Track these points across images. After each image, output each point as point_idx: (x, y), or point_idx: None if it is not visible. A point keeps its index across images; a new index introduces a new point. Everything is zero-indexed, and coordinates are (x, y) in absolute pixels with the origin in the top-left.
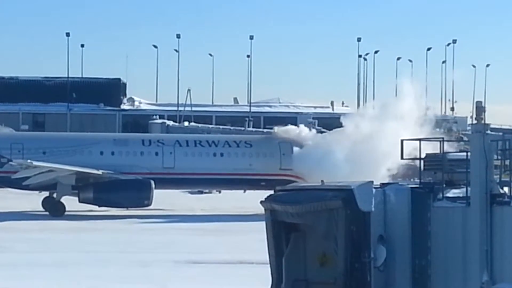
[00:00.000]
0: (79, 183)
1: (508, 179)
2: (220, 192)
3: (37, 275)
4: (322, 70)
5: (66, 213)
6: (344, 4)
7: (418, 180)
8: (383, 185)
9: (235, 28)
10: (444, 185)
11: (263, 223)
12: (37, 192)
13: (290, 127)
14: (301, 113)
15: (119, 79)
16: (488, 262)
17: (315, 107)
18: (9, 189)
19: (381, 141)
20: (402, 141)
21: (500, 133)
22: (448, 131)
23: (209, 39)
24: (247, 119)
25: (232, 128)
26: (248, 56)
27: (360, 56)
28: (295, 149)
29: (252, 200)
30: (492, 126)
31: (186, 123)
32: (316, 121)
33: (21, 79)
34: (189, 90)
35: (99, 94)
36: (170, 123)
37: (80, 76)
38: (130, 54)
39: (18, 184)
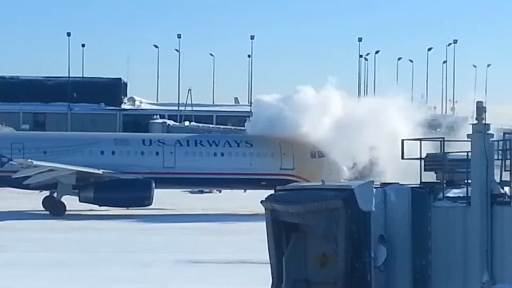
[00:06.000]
0: (79, 183)
1: (509, 179)
2: (220, 191)
3: (37, 275)
4: (322, 70)
5: (66, 212)
6: (344, 4)
7: None
8: (383, 184)
9: (236, 28)
10: (445, 185)
11: (264, 223)
12: (37, 191)
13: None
14: None
15: (120, 78)
16: (489, 262)
17: None
18: (10, 189)
19: None
20: (402, 140)
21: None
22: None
23: (210, 39)
24: (247, 118)
25: (232, 128)
26: (249, 56)
27: (361, 56)
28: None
29: (253, 199)
30: (496, 126)
31: (186, 123)
32: None
33: (22, 78)
34: (189, 89)
35: (99, 93)
36: (171, 122)
37: (81, 75)
38: (131, 53)
39: (19, 183)
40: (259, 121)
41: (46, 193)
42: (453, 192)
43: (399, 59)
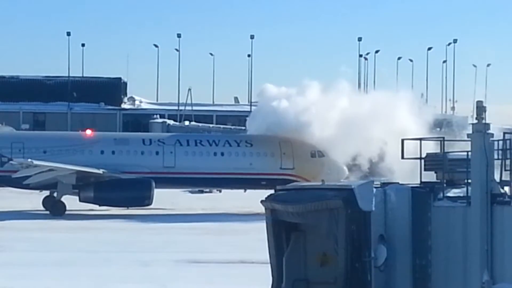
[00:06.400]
0: (79, 182)
1: (509, 179)
2: (220, 191)
3: (37, 275)
4: (322, 69)
5: (66, 212)
6: (344, 4)
7: None
8: (383, 184)
9: (235, 27)
10: (445, 185)
11: (264, 223)
12: (37, 191)
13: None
14: None
15: (120, 78)
16: (489, 262)
17: None
18: (10, 188)
19: None
20: (403, 140)
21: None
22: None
23: (210, 39)
24: (247, 118)
25: (232, 127)
26: (248, 55)
27: (361, 55)
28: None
29: (253, 199)
30: (496, 126)
31: (186, 123)
32: None
33: (22, 78)
34: (189, 89)
35: (99, 93)
36: (171, 122)
37: (80, 75)
38: (130, 53)
39: (19, 183)
40: (263, 113)
41: (46, 192)
42: (453, 192)
43: (399, 58)
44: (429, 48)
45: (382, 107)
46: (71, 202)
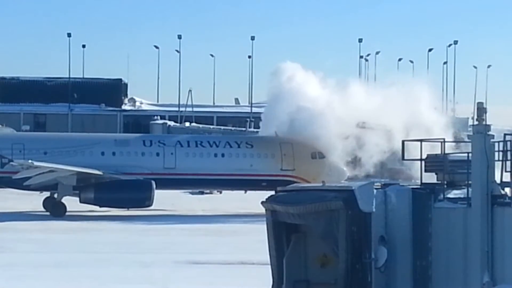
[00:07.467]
0: (80, 184)
1: (509, 180)
2: (221, 192)
3: (37, 276)
4: (323, 70)
5: (67, 213)
6: (345, 5)
7: None
8: (384, 185)
9: (236, 28)
10: (445, 186)
11: (264, 224)
12: (38, 192)
13: None
14: None
15: (120, 79)
16: (489, 263)
17: None
18: (10, 190)
19: None
20: (403, 141)
21: None
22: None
23: (210, 40)
24: (248, 119)
25: (233, 128)
26: (249, 56)
27: (361, 57)
28: None
29: (253, 200)
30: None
31: (187, 124)
32: None
33: (23, 79)
34: (190, 90)
35: (100, 94)
36: (171, 123)
37: (81, 76)
38: (131, 54)
39: (19, 184)
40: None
41: (47, 194)
42: (453, 193)
43: (400, 59)
44: (430, 49)
45: (410, 105)
46: (71, 203)
